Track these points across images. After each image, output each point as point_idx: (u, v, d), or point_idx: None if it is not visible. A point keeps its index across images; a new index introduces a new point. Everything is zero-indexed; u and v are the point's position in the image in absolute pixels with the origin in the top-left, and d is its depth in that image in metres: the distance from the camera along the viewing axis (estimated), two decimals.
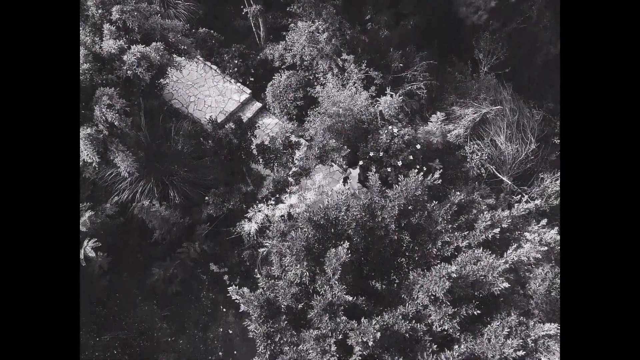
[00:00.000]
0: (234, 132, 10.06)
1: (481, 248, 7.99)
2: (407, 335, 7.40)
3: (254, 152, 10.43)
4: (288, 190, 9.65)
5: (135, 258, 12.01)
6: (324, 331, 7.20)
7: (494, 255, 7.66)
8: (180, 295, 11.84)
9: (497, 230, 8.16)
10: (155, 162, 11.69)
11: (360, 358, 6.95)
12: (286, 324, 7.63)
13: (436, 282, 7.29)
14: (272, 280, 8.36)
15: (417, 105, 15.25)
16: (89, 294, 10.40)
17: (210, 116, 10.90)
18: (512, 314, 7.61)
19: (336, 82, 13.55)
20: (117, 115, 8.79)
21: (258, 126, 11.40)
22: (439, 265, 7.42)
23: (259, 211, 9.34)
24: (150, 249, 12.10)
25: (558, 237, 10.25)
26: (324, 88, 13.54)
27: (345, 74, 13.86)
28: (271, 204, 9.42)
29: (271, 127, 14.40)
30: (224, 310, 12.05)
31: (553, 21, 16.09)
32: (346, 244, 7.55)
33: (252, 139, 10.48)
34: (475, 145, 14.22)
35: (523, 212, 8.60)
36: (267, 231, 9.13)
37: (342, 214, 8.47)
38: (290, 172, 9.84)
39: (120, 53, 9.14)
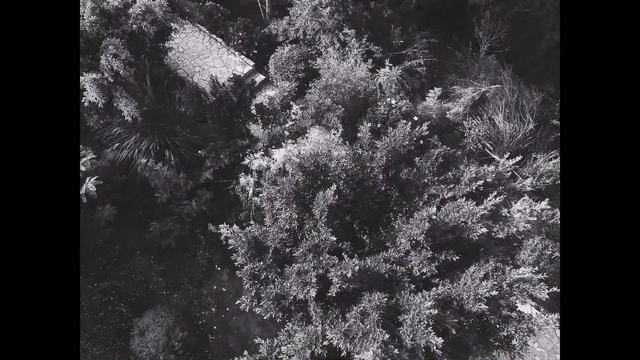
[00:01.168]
0: (234, 91, 10.43)
1: (464, 198, 8.22)
2: (386, 275, 7.66)
3: (253, 111, 10.78)
4: (284, 145, 9.97)
5: (137, 215, 12.41)
6: (307, 267, 7.49)
7: (475, 203, 7.90)
8: (177, 252, 12.21)
9: (481, 182, 8.39)
10: (159, 123, 12.12)
11: (339, 290, 7.21)
12: (271, 262, 7.93)
13: (417, 225, 7.54)
14: (264, 227, 8.67)
15: (417, 84, 15.50)
16: (92, 241, 10.81)
17: (211, 74, 11.28)
18: (491, 260, 7.83)
19: (337, 55, 13.87)
20: (122, 64, 9.22)
21: (258, 87, 11.72)
22: (421, 210, 7.68)
23: (255, 159, 9.66)
24: (154, 208, 12.47)
25: (548, 208, 10.44)
26: (324, 60, 13.87)
27: (347, 48, 14.17)
28: (267, 155, 9.73)
29: None
30: (219, 269, 12.40)
31: (556, 6, 16.24)
32: (334, 186, 7.83)
33: (252, 99, 10.85)
34: (474, 122, 14.44)
35: (509, 170, 8.82)
36: (262, 182, 9.49)
37: (333, 165, 8.75)
38: (287, 126, 10.18)
39: (125, 7, 9.57)
